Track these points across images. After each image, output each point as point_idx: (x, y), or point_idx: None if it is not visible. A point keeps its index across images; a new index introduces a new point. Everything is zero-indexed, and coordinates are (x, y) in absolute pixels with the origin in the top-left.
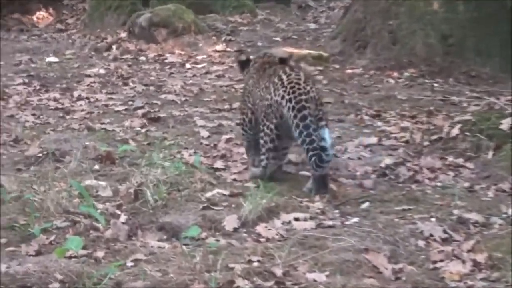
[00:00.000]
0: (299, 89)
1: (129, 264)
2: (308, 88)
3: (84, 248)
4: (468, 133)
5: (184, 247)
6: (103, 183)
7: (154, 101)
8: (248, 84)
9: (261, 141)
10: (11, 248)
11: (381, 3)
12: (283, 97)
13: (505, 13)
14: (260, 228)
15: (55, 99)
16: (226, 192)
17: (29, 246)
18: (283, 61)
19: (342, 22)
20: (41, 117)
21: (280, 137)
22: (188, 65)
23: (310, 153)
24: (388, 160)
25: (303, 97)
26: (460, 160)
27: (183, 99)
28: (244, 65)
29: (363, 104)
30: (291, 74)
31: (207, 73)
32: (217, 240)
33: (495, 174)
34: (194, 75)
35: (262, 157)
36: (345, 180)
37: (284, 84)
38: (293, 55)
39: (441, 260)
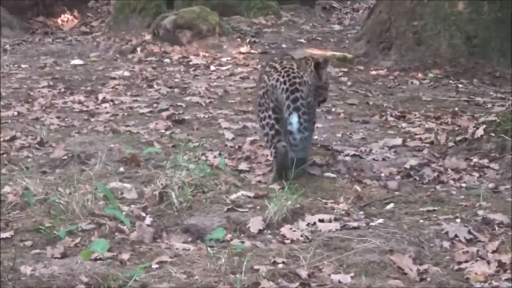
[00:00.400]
0: (293, 73)
1: (154, 266)
2: (301, 73)
3: (109, 250)
4: (492, 134)
5: (209, 249)
6: (128, 185)
7: (179, 103)
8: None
9: (264, 137)
10: (37, 251)
11: (406, 4)
12: (277, 80)
13: None
14: (285, 229)
15: (79, 102)
16: (251, 194)
17: (54, 249)
18: (316, 65)
19: (366, 24)
20: (66, 119)
21: (279, 120)
22: (212, 67)
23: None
24: (412, 161)
25: (297, 80)
26: (485, 161)
27: (208, 101)
28: (318, 67)
29: (388, 105)
30: (283, 61)
31: (231, 75)
32: (242, 242)
33: None
34: (218, 77)
35: (270, 150)
36: (369, 181)
37: (278, 69)
38: (329, 60)
39: (466, 261)
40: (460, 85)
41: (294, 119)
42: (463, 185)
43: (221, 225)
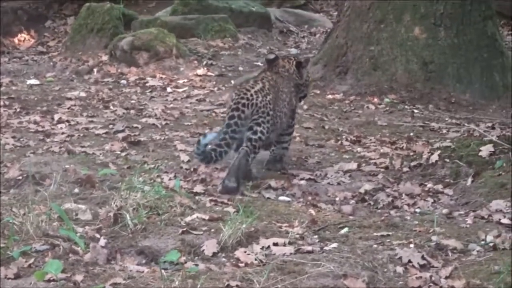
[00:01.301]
0: (244, 94)
1: None
2: (254, 96)
3: (63, 271)
4: (447, 160)
5: (163, 271)
6: (83, 207)
7: (135, 125)
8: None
9: None
10: None
11: (362, 29)
12: (231, 97)
13: (485, 39)
14: (239, 253)
15: (35, 122)
16: (206, 217)
17: (8, 269)
18: (298, 64)
19: (323, 48)
20: (21, 139)
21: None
22: (169, 89)
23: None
24: (367, 186)
25: (242, 101)
26: (439, 187)
27: (164, 123)
28: (271, 63)
29: (343, 129)
30: (250, 81)
31: (188, 97)
32: (196, 265)
33: (474, 201)
34: (175, 99)
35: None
36: (324, 205)
37: (238, 89)
38: (309, 60)
39: (419, 287)
40: (415, 111)
41: (209, 136)
42: (417, 210)
43: (176, 248)
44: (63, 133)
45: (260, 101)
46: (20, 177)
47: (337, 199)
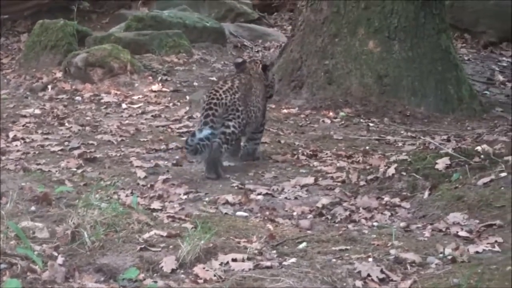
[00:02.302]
0: (215, 94)
1: None
2: (223, 95)
3: None
4: (404, 173)
5: None
6: (40, 225)
7: (90, 142)
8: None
9: None
10: None
11: (317, 43)
12: (203, 98)
13: (439, 52)
14: (198, 269)
15: None
16: (164, 233)
17: None
18: (264, 67)
19: (278, 62)
20: None
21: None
22: (124, 105)
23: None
24: (324, 200)
25: (214, 101)
26: (396, 200)
27: (119, 139)
28: (239, 66)
29: (300, 144)
30: (219, 82)
31: (143, 113)
32: (155, 282)
33: (431, 214)
34: (130, 115)
35: None
36: (282, 220)
37: (209, 89)
38: (274, 63)
39: None
40: (371, 124)
41: (204, 131)
42: (375, 224)
43: (134, 265)
44: (18, 150)
45: (229, 100)
46: None
47: (294, 213)
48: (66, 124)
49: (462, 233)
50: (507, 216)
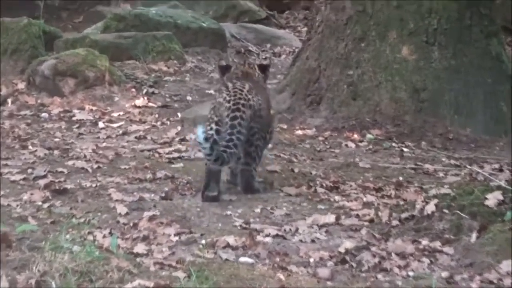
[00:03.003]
0: (240, 94)
1: None
2: (249, 96)
3: None
4: (446, 211)
5: None
6: None
7: (59, 169)
8: None
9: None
10: None
11: (338, 49)
12: (224, 98)
13: (489, 60)
14: None
15: None
16: (150, 284)
17: None
18: (263, 68)
19: (290, 72)
20: None
21: (219, 132)
22: (101, 124)
23: (222, 148)
24: (348, 244)
25: (241, 101)
26: (436, 244)
27: (95, 166)
28: (224, 70)
29: (317, 173)
30: (237, 83)
31: (124, 134)
32: None
33: (479, 261)
34: (108, 137)
35: None
36: (295, 268)
37: (229, 89)
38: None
39: None
40: (405, 149)
41: (199, 130)
42: (411, 273)
43: None
44: None
45: (256, 102)
46: None
47: (311, 260)
48: (30, 147)
49: None
50: None
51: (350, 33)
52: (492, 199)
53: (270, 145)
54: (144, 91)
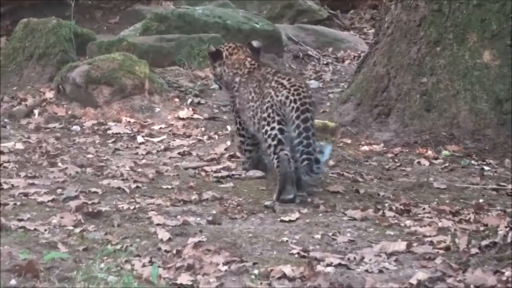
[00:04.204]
0: (303, 92)
1: None
2: (309, 93)
3: None
4: None
5: None
6: None
7: (93, 189)
8: (235, 82)
9: (268, 150)
10: None
11: (410, 54)
12: (287, 97)
13: None
14: None
15: None
16: None
17: None
18: (256, 50)
19: (355, 79)
20: None
21: (283, 131)
22: (140, 138)
23: (304, 156)
24: (421, 275)
25: (307, 100)
26: None
27: (134, 186)
28: (216, 56)
29: (386, 194)
30: (291, 78)
31: (166, 149)
32: None
33: None
34: (148, 153)
35: (273, 161)
36: None
37: (287, 86)
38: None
39: None
40: (486, 168)
41: (327, 149)
42: None
43: None
44: None
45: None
46: None
47: None
48: (60, 164)
49: None
50: None
51: (424, 35)
52: None
53: (332, 162)
54: (189, 101)
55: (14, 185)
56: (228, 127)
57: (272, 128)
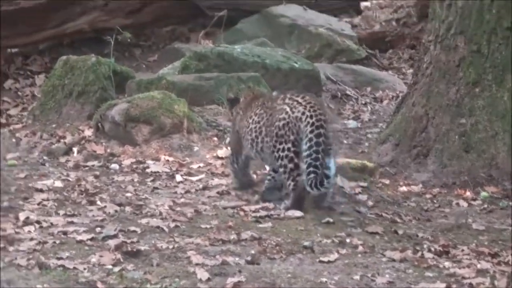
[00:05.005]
0: (319, 109)
1: None
2: (323, 110)
3: None
4: None
5: None
6: None
7: (132, 228)
8: (236, 120)
9: (280, 169)
10: None
11: (449, 94)
12: (303, 113)
13: None
14: None
15: None
16: None
17: None
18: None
19: (394, 120)
20: None
21: (298, 153)
22: (178, 177)
23: (311, 168)
24: None
25: (322, 117)
26: None
27: (172, 225)
28: (233, 103)
29: (424, 235)
30: (305, 96)
31: (205, 188)
32: None
33: None
34: (187, 191)
35: (288, 182)
36: None
37: (302, 103)
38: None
39: None
40: None
41: (331, 164)
42: None
43: None
44: (32, 239)
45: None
46: None
47: None
48: (98, 202)
49: None
50: None
51: (463, 76)
52: None
53: (370, 203)
54: (227, 140)
55: (53, 223)
56: (267, 166)
57: (288, 149)
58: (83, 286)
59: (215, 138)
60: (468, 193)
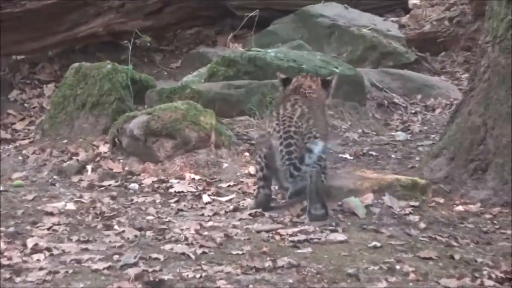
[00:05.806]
0: (289, 122)
1: None
2: (299, 123)
3: None
4: None
5: None
6: None
7: (154, 255)
8: None
9: (255, 166)
10: None
11: (510, 102)
12: (274, 129)
13: None
14: None
15: None
16: None
17: None
18: (325, 83)
19: (448, 131)
20: None
21: (269, 167)
22: (206, 197)
23: (287, 162)
24: None
25: (292, 129)
26: None
27: (199, 251)
28: (285, 83)
29: (484, 261)
30: (288, 109)
31: (236, 210)
32: None
33: None
34: (215, 214)
35: (255, 187)
36: None
37: (279, 118)
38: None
39: None
40: None
41: (314, 145)
42: None
43: None
44: (41, 268)
45: (305, 128)
46: None
47: None
48: (116, 226)
49: None
50: None
51: None
52: None
53: (423, 225)
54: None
55: (65, 251)
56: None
57: (262, 158)
58: None
59: (247, 153)
60: None
